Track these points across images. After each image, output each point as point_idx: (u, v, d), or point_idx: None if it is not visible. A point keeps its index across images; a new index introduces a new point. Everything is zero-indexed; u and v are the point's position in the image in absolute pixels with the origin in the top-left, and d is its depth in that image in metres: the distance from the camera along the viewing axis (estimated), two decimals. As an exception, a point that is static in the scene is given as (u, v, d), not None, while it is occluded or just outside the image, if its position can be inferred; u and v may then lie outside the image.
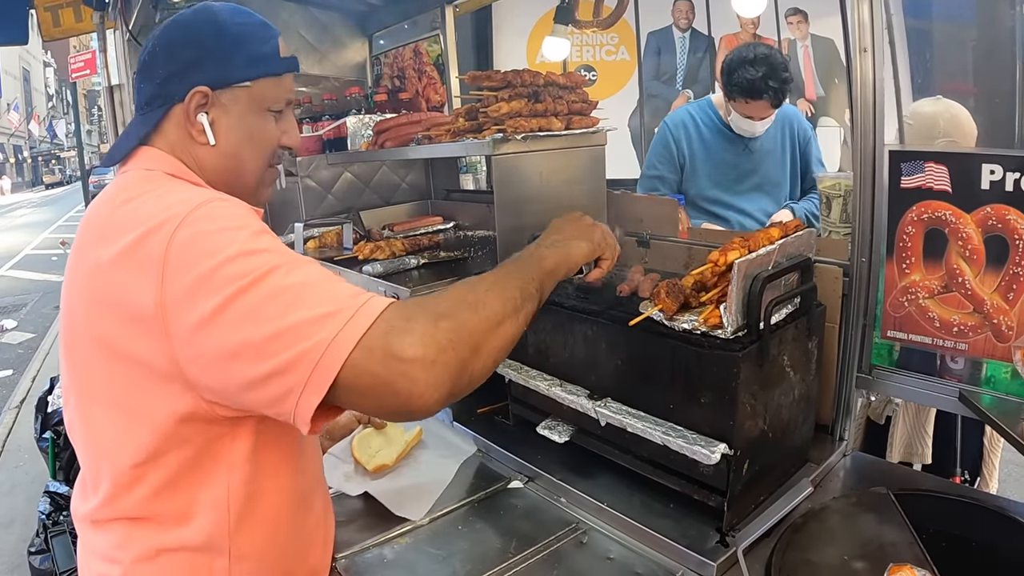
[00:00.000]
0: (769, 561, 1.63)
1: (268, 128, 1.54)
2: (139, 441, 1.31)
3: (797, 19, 6.70)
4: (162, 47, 1.46)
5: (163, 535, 1.37)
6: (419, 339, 1.14)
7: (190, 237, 1.20)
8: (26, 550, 3.72)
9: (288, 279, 1.18)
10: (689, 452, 1.67)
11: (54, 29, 5.89)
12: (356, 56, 4.34)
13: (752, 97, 3.26)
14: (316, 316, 1.14)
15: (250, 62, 1.48)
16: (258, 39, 1.50)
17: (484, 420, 2.40)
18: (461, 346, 1.19)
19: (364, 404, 1.19)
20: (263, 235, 1.26)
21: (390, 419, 1.20)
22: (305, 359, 1.12)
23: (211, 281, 1.16)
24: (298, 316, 1.14)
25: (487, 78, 2.39)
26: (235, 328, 1.15)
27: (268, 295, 1.16)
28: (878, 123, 1.88)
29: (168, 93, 1.44)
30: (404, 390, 1.13)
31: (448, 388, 1.17)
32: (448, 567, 1.77)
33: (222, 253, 1.18)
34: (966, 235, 1.78)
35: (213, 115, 1.46)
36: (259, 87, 1.49)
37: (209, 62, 1.44)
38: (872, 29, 1.84)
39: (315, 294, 1.18)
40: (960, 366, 1.87)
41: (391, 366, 1.12)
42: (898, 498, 1.81)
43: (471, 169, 3.95)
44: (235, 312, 1.15)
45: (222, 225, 1.24)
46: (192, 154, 1.48)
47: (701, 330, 1.68)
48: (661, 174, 3.70)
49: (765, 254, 1.70)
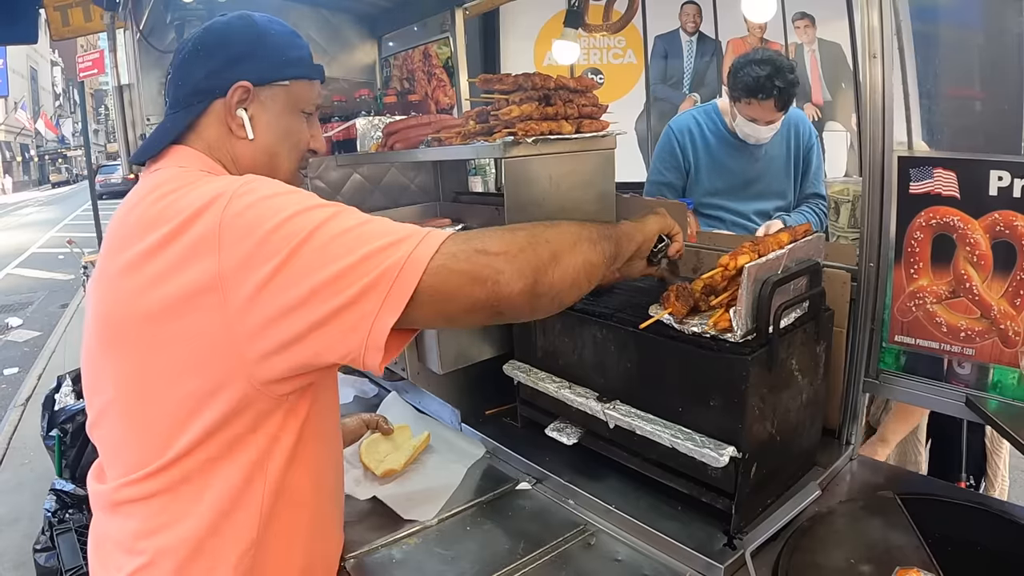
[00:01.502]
0: (776, 564, 1.64)
1: (301, 128, 1.63)
2: (178, 426, 1.33)
3: (804, 23, 6.71)
4: (203, 46, 1.53)
5: (192, 523, 1.38)
6: (499, 238, 1.25)
7: (243, 208, 1.24)
8: (31, 548, 3.72)
9: (348, 222, 1.24)
10: (698, 455, 1.68)
11: (63, 28, 5.91)
12: (365, 58, 4.35)
13: (756, 96, 3.23)
14: (386, 244, 1.20)
15: (287, 63, 1.57)
16: (293, 45, 1.60)
17: (492, 422, 2.41)
18: (540, 249, 1.28)
19: (450, 306, 1.23)
20: (315, 196, 1.30)
21: (476, 319, 1.17)
22: (382, 281, 1.17)
23: (268, 244, 1.20)
24: (366, 249, 1.19)
25: (498, 81, 2.39)
26: (299, 279, 1.19)
27: (330, 239, 1.20)
28: (887, 128, 1.89)
29: (210, 88, 1.51)
30: (491, 278, 1.21)
31: (532, 279, 1.25)
32: (456, 568, 1.78)
33: (278, 216, 1.22)
34: (974, 241, 1.78)
35: (252, 111, 1.54)
36: (295, 87, 1.58)
37: (250, 60, 1.52)
38: (882, 35, 1.84)
39: (379, 230, 1.23)
40: (967, 371, 1.88)
41: (476, 260, 1.21)
42: (904, 502, 1.81)
43: (480, 172, 3.95)
44: (297, 265, 1.19)
45: (273, 191, 1.29)
46: (230, 150, 1.55)
47: (711, 333, 1.69)
48: (668, 180, 3.68)
49: (775, 258, 1.71)
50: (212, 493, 1.37)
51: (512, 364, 2.26)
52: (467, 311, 1.24)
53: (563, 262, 1.33)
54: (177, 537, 1.38)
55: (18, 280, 14.52)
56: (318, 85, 1.66)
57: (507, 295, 1.22)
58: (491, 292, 1.22)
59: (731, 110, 3.47)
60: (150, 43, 3.66)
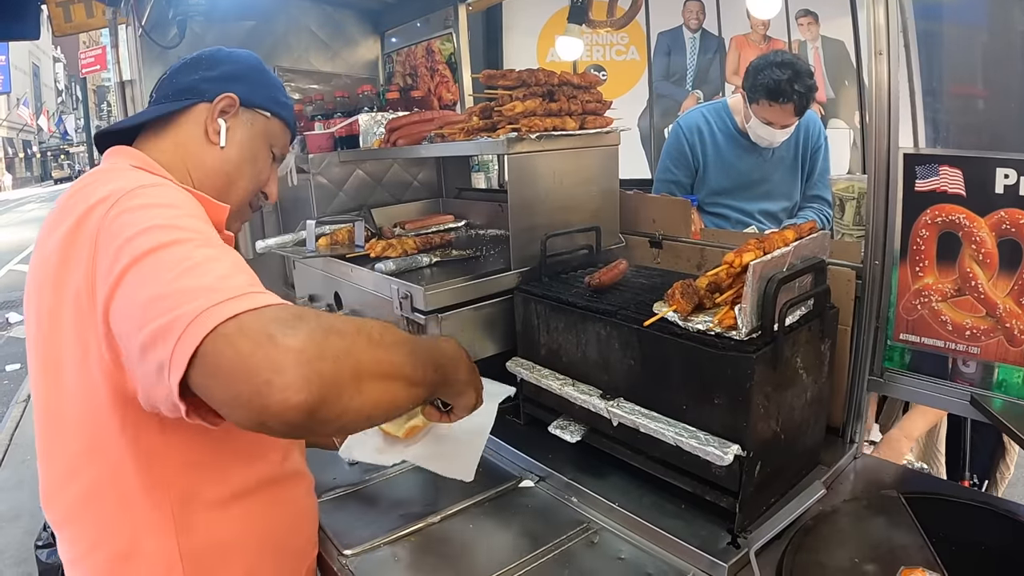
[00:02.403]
0: (780, 563, 1.64)
1: (266, 162, 1.74)
2: (79, 433, 1.34)
3: (808, 20, 6.70)
4: (206, 58, 1.67)
5: (113, 539, 1.38)
6: (303, 336, 1.02)
7: (118, 214, 1.22)
8: (33, 544, 3.72)
9: (195, 254, 1.14)
10: (702, 453, 1.67)
11: (65, 24, 5.90)
12: (368, 54, 4.35)
13: (776, 100, 3.19)
14: (203, 286, 1.06)
15: (275, 101, 1.73)
16: (283, 93, 1.77)
17: (495, 419, 2.39)
18: (343, 365, 1.05)
19: (217, 391, 1.02)
20: (192, 218, 1.27)
21: (241, 419, 1.01)
22: (177, 323, 1.02)
23: (123, 250, 1.14)
24: (186, 283, 1.07)
25: (502, 77, 2.39)
26: (128, 293, 1.12)
27: (168, 263, 1.11)
28: (892, 126, 1.89)
29: (199, 90, 1.61)
30: (265, 377, 0.97)
31: (316, 396, 1.00)
32: (458, 566, 1.78)
33: (140, 225, 1.18)
34: (980, 239, 1.78)
35: (231, 124, 1.63)
36: (274, 124, 1.73)
37: (245, 81, 1.66)
38: (887, 32, 1.84)
39: (214, 271, 1.11)
40: (972, 370, 1.87)
41: (262, 348, 0.99)
42: (909, 501, 1.81)
43: (483, 168, 3.95)
44: (132, 279, 1.12)
45: (151, 202, 1.26)
46: (197, 153, 1.61)
47: (715, 331, 1.68)
48: (677, 178, 3.65)
49: (780, 256, 1.70)
50: (115, 513, 1.37)
51: (515, 361, 2.25)
52: (228, 404, 1.02)
53: (364, 388, 1.09)
54: (99, 555, 1.39)
55: (20, 276, 14.50)
56: (290, 139, 1.81)
57: (277, 402, 0.98)
58: (258, 392, 0.98)
59: (744, 111, 3.42)
60: (152, 39, 3.64)
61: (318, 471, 2.14)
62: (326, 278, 2.82)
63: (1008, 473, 3.06)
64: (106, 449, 1.32)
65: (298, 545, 1.68)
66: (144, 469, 1.33)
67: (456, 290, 2.24)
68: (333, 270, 2.74)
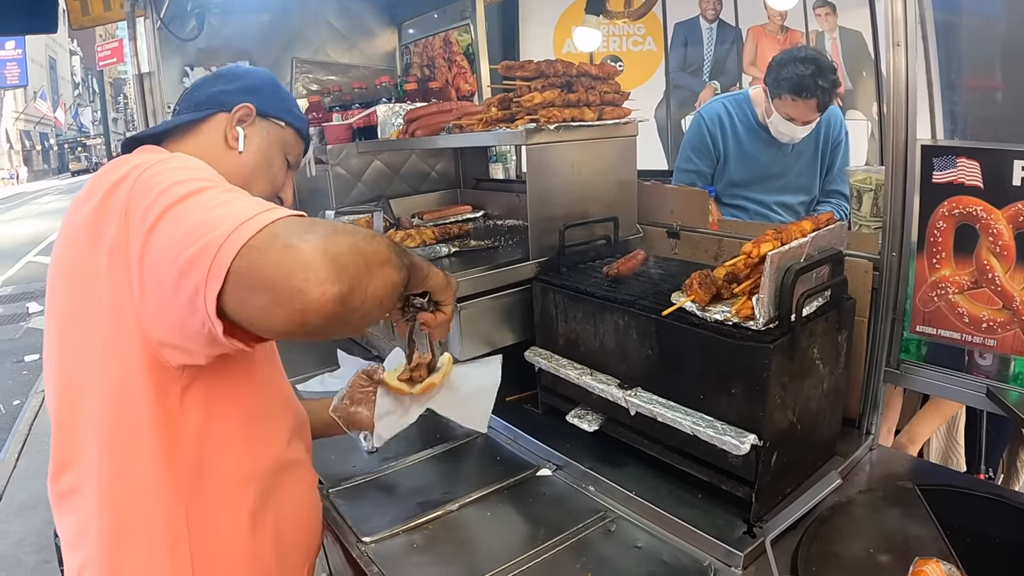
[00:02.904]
0: (796, 552, 1.65)
1: (281, 168, 1.86)
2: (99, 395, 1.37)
3: (825, 11, 6.66)
4: (226, 74, 1.84)
5: (120, 511, 1.40)
6: (319, 237, 1.11)
7: (146, 179, 1.28)
8: (52, 532, 3.76)
9: (220, 196, 1.23)
10: (719, 442, 1.68)
11: (83, 18, 5.91)
12: (386, 45, 4.37)
13: (799, 95, 3.17)
14: (228, 214, 1.15)
15: (290, 113, 1.85)
16: (297, 107, 1.91)
17: (513, 408, 2.42)
18: (357, 258, 1.15)
19: (256, 300, 1.11)
20: (218, 179, 1.34)
21: (281, 321, 1.11)
22: (210, 246, 1.10)
23: (153, 205, 1.22)
24: (213, 216, 1.16)
25: (520, 68, 2.40)
26: (160, 242, 1.19)
27: (197, 205, 1.20)
28: (910, 117, 1.89)
29: (219, 102, 1.73)
30: (302, 276, 1.07)
31: (346, 287, 1.10)
32: (476, 553, 1.79)
33: (167, 181, 1.25)
34: (997, 231, 1.78)
35: (248, 132, 1.75)
36: (288, 133, 1.84)
37: (261, 94, 1.78)
38: (905, 23, 1.84)
39: (237, 202, 1.20)
40: (988, 362, 1.88)
41: (291, 253, 1.09)
42: (924, 493, 1.82)
43: (501, 159, 3.97)
44: (162, 227, 1.19)
45: (179, 166, 1.35)
46: (217, 156, 1.68)
47: (733, 321, 1.69)
48: (699, 168, 3.63)
49: (797, 247, 1.71)
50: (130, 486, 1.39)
51: (534, 350, 2.27)
52: (268, 309, 1.11)
53: (376, 276, 1.20)
54: (104, 523, 1.40)
55: (39, 268, 14.58)
56: (303, 149, 1.93)
57: (316, 298, 1.08)
58: (299, 291, 1.08)
59: (766, 105, 3.39)
60: (171, 31, 3.67)
61: (338, 460, 2.18)
62: (344, 268, 2.82)
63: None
64: (128, 414, 1.35)
65: (303, 539, 1.69)
66: (164, 436, 1.36)
67: (475, 280, 2.26)
68: (352, 260, 2.74)
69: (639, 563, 1.73)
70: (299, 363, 3.01)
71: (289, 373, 1.82)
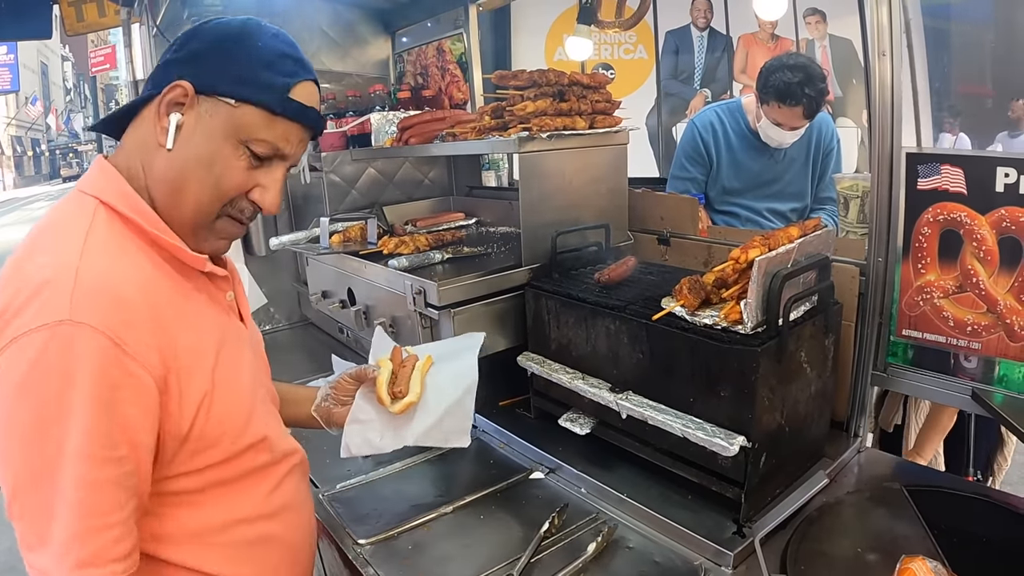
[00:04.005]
0: (784, 552, 1.68)
1: (232, 165, 1.32)
2: None
3: (815, 19, 6.72)
4: (184, 35, 1.34)
5: None
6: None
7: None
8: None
9: (51, 499, 1.09)
10: (708, 444, 1.71)
11: (77, 24, 5.91)
12: (379, 53, 4.38)
13: (786, 102, 3.18)
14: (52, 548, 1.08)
15: (244, 82, 1.29)
16: (274, 68, 1.32)
17: (506, 413, 2.45)
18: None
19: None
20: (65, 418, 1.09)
21: None
22: None
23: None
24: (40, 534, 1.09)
25: (514, 77, 2.43)
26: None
27: (27, 499, 1.10)
28: (896, 125, 1.92)
29: (158, 79, 1.30)
30: None
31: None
32: (471, 555, 1.81)
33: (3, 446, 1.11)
34: (980, 236, 1.81)
35: (186, 119, 1.29)
36: (244, 113, 1.30)
37: (207, 61, 1.30)
38: (891, 32, 1.87)
39: (62, 527, 1.09)
40: (973, 365, 1.91)
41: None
42: (911, 494, 1.84)
43: (493, 166, 3.98)
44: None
45: (21, 378, 1.10)
46: (151, 154, 1.31)
47: (722, 325, 1.72)
48: (693, 176, 3.64)
49: (785, 252, 1.74)
50: None
51: (526, 355, 2.30)
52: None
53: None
54: None
55: (31, 273, 14.51)
56: (286, 128, 1.35)
57: None
58: None
59: (756, 111, 3.42)
60: (167, 38, 3.68)
61: (333, 463, 2.19)
62: (339, 274, 2.86)
63: (1005, 464, 3.09)
64: None
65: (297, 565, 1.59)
66: None
67: (469, 286, 2.29)
68: (346, 266, 2.79)
69: (631, 563, 1.75)
70: (294, 367, 3.03)
71: (284, 377, 1.83)
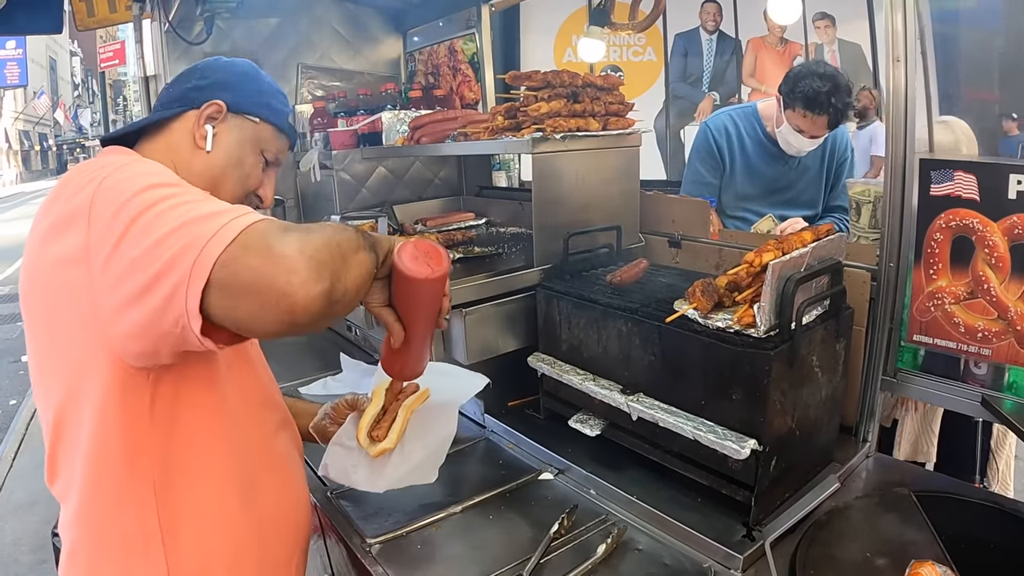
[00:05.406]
0: (794, 555, 1.68)
1: (255, 168, 1.75)
2: (74, 405, 1.39)
3: (824, 23, 6.71)
4: (200, 68, 1.73)
5: (96, 515, 1.43)
6: (295, 240, 1.14)
7: (110, 185, 1.27)
8: (50, 532, 3.78)
9: (187, 197, 1.24)
10: (720, 447, 1.72)
11: (88, 19, 5.92)
12: (390, 52, 4.39)
13: (812, 110, 3.14)
14: (198, 216, 1.17)
15: (266, 107, 1.73)
16: (278, 99, 1.78)
17: (515, 413, 2.45)
18: (333, 251, 1.18)
19: (244, 305, 1.14)
20: (181, 185, 1.32)
21: (271, 323, 1.16)
22: (192, 245, 1.12)
23: (119, 213, 1.21)
24: (184, 219, 1.17)
25: (527, 78, 2.43)
26: (133, 245, 1.18)
27: (164, 211, 1.20)
28: (909, 131, 1.92)
29: (189, 99, 1.66)
30: (284, 279, 1.10)
31: (328, 282, 1.14)
32: (479, 555, 1.81)
33: (133, 189, 1.24)
34: (992, 243, 1.81)
35: (218, 130, 1.67)
36: (263, 129, 1.73)
37: (233, 88, 1.70)
38: (905, 38, 1.87)
39: (205, 206, 1.22)
40: (983, 371, 1.91)
41: (269, 259, 1.12)
42: (920, 499, 1.85)
43: (504, 167, 3.99)
44: (134, 232, 1.19)
45: (140, 171, 1.33)
46: (186, 156, 1.64)
47: (734, 328, 1.73)
48: (707, 180, 3.59)
49: (798, 256, 1.74)
50: (96, 486, 1.42)
51: (537, 356, 2.30)
52: (255, 314, 1.15)
53: (352, 267, 1.22)
54: (83, 524, 1.45)
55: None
56: (285, 143, 1.80)
57: (302, 299, 1.11)
58: (284, 295, 1.11)
59: (777, 115, 3.37)
60: (179, 34, 3.69)
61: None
62: (349, 273, 2.85)
63: (1001, 472, 3.09)
64: (101, 421, 1.37)
65: (288, 534, 1.70)
66: (131, 440, 1.38)
67: (480, 286, 2.30)
68: (356, 265, 2.77)
69: (640, 565, 1.75)
70: (302, 366, 3.03)
71: (292, 376, 1.84)
